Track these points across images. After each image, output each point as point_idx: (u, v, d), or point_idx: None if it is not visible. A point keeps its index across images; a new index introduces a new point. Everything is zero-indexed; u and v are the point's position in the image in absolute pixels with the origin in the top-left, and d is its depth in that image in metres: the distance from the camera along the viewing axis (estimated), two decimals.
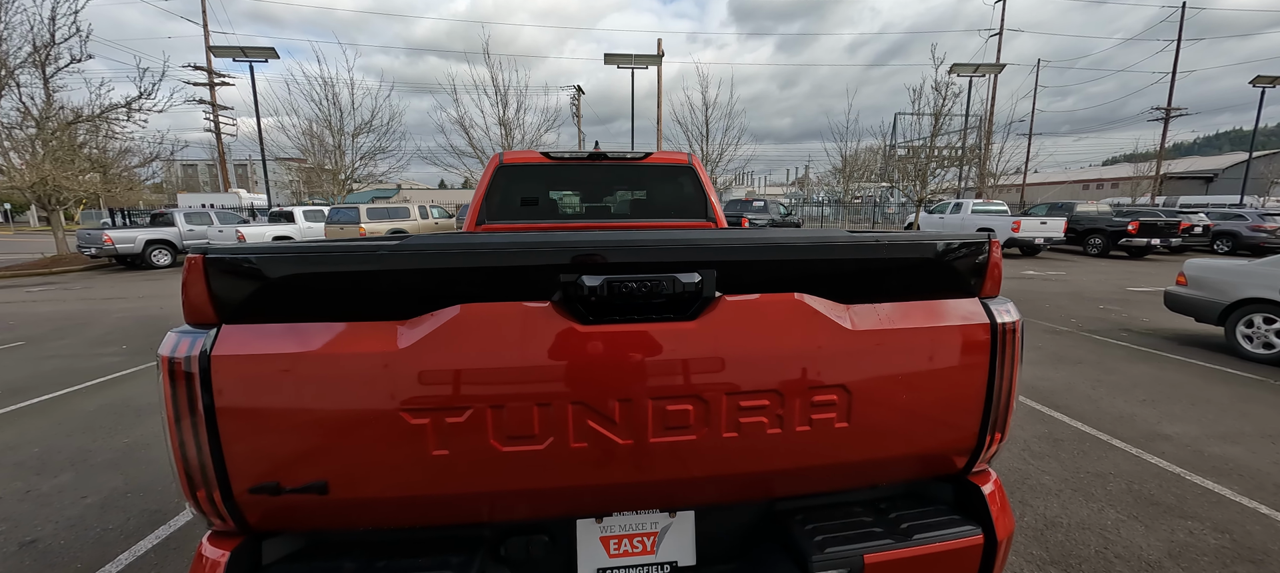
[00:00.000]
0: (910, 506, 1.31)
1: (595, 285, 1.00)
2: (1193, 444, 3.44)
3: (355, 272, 1.00)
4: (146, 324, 7.45)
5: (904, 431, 1.19)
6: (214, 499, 1.03)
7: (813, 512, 1.28)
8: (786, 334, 1.10)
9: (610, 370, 1.03)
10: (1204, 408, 4.08)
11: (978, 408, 1.22)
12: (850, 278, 1.16)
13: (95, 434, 3.68)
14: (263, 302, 1.01)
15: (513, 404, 1.02)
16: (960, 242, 1.20)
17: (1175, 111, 31.98)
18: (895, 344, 1.15)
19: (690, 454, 1.10)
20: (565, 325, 1.03)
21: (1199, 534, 2.50)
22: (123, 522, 2.61)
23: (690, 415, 1.07)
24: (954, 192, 25.95)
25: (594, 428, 1.05)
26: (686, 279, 1.03)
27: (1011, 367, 1.23)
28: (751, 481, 1.17)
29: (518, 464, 1.05)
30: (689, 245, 1.07)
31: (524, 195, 3.49)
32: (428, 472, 1.04)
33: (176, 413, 0.99)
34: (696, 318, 1.06)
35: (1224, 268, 5.83)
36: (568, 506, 1.17)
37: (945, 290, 1.22)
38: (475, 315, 1.01)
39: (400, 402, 1.00)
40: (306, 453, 1.02)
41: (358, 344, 1.00)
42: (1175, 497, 2.82)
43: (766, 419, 1.10)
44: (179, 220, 16.22)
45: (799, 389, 1.10)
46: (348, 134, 23.50)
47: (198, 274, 0.99)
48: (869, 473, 1.25)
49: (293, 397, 0.99)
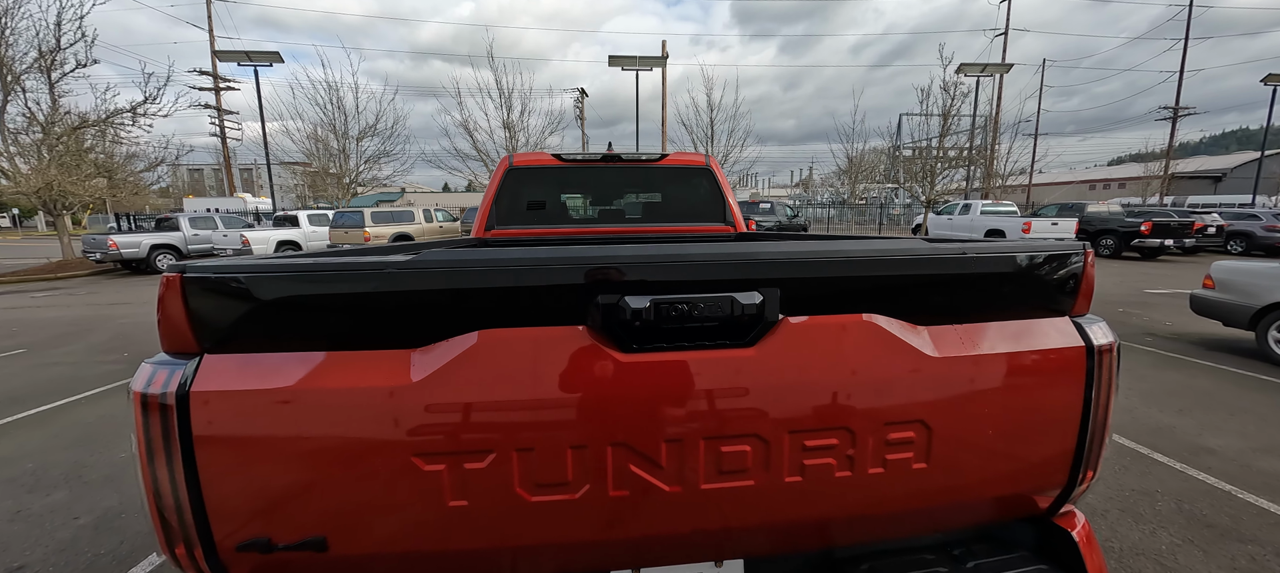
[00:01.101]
0: (987, 552, 1.16)
1: (641, 308, 0.85)
2: (1238, 458, 3.26)
3: (361, 293, 0.86)
4: (151, 330, 7.34)
5: (989, 470, 1.04)
6: (195, 556, 0.88)
7: (877, 559, 1.13)
8: (858, 362, 0.94)
9: (656, 406, 0.88)
10: (1244, 419, 3.89)
11: (1070, 442, 1.07)
12: (927, 295, 1.01)
13: (93, 448, 3.55)
14: (252, 327, 0.86)
15: (543, 447, 0.87)
16: (1054, 252, 1.05)
17: (1183, 111, 31.61)
18: (980, 372, 0.99)
19: (747, 501, 0.95)
20: (604, 354, 0.88)
21: (1263, 561, 2.32)
22: (115, 546, 2.48)
23: (748, 457, 0.92)
24: (961, 192, 25.70)
25: (637, 473, 0.90)
26: (746, 299, 0.88)
27: (1108, 395, 1.07)
28: (816, 529, 1.02)
29: (548, 515, 0.91)
30: (748, 260, 0.91)
31: (535, 198, 3.35)
32: (443, 525, 0.89)
33: (151, 456, 0.85)
34: (755, 344, 0.91)
35: (1254, 270, 5.63)
36: (602, 560, 1.02)
37: (1033, 309, 1.07)
38: (499, 342, 0.87)
39: (412, 444, 0.85)
40: (303, 504, 0.87)
41: (363, 377, 0.85)
42: (1229, 518, 2.64)
43: (835, 461, 0.95)
44: (183, 225, 16.18)
45: (873, 426, 0.95)
46: (352, 138, 23.50)
47: (175, 296, 0.84)
48: (946, 518, 1.10)
49: (286, 439, 0.85)
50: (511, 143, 23.34)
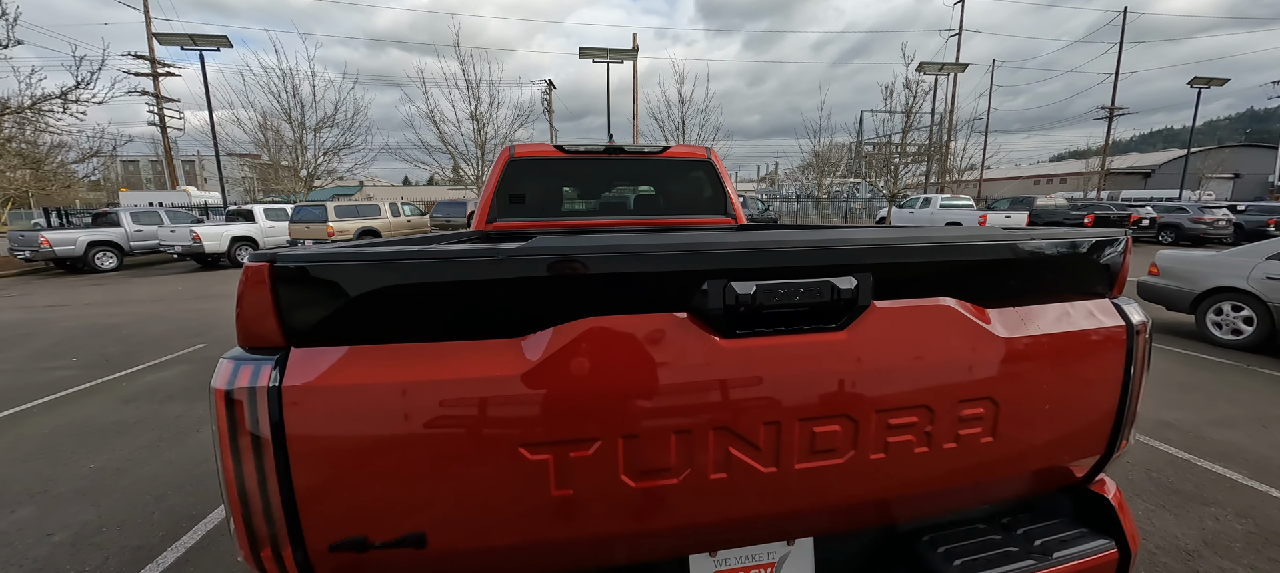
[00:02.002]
0: (1034, 520, 1.24)
1: (748, 293, 0.86)
2: (1193, 430, 3.55)
3: (468, 282, 0.84)
4: (98, 334, 6.84)
5: (1043, 441, 1.11)
6: (283, 558, 0.85)
7: (937, 531, 1.19)
8: (937, 343, 0.99)
9: (757, 390, 0.90)
10: (1194, 395, 4.24)
11: (1111, 413, 1.15)
12: (993, 279, 1.07)
13: (55, 460, 3.30)
14: (346, 318, 0.83)
15: (648, 433, 0.88)
16: (1100, 239, 1.12)
17: (1118, 111, 33.87)
18: (1038, 350, 1.06)
19: (834, 480, 0.98)
20: (706, 339, 0.89)
21: (1224, 521, 2.55)
22: (100, 562, 2.32)
23: (838, 437, 0.95)
24: (921, 187, 26.77)
25: (736, 456, 0.92)
26: (843, 285, 0.90)
27: (1142, 369, 1.16)
28: (891, 504, 1.07)
29: (648, 502, 0.91)
30: (845, 246, 0.94)
31: (537, 189, 3.30)
32: (546, 515, 0.89)
33: (237, 456, 0.81)
34: (846, 328, 0.94)
35: (1195, 259, 6.12)
36: (692, 544, 1.04)
37: (1080, 292, 1.14)
38: (604, 330, 0.86)
39: (517, 435, 0.84)
40: (401, 500, 0.85)
41: (466, 368, 0.84)
42: (1193, 484, 2.89)
43: (914, 437, 1.00)
44: (125, 220, 15.10)
45: (949, 403, 1.00)
46: (309, 129, 22.41)
47: (263, 287, 0.80)
48: (1004, 488, 1.16)
49: (385, 434, 0.82)
50: (480, 135, 22.80)
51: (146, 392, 4.57)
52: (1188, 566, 2.24)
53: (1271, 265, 5.35)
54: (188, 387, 4.66)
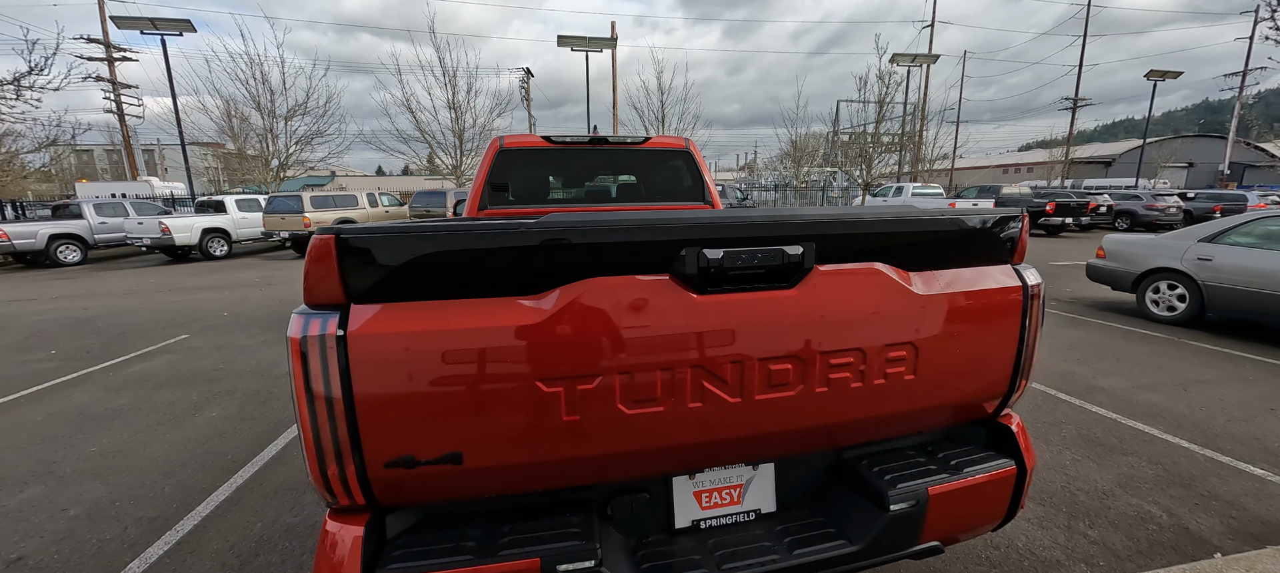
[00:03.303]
0: (952, 447, 1.51)
1: (717, 258, 1.09)
2: (1123, 395, 3.96)
3: (495, 249, 1.04)
4: (72, 327, 6.76)
5: (956, 380, 1.37)
6: (347, 475, 1.05)
7: (876, 457, 1.45)
8: (867, 299, 1.24)
9: (725, 336, 1.14)
10: (1128, 364, 4.67)
11: (1011, 358, 1.42)
12: (914, 249, 1.32)
13: (54, 444, 3.38)
14: (396, 280, 1.03)
15: (639, 370, 1.10)
16: (999, 217, 1.38)
17: (1082, 102, 35.22)
18: (950, 306, 1.32)
19: (787, 409, 1.22)
20: (684, 296, 1.12)
21: (1139, 467, 2.92)
22: (121, 531, 2.46)
23: (790, 374, 1.20)
24: (894, 176, 27.51)
25: (709, 389, 1.15)
26: (792, 251, 1.14)
27: (1037, 322, 1.43)
28: (835, 430, 1.32)
29: (639, 426, 1.14)
30: (792, 221, 1.18)
31: (526, 178, 3.48)
32: (558, 437, 1.11)
33: (310, 393, 1.00)
34: (796, 286, 1.18)
35: (1136, 242, 6.61)
36: (673, 463, 1.27)
37: (986, 259, 1.40)
38: (604, 288, 1.08)
39: (536, 372, 1.06)
40: (442, 426, 1.06)
41: (494, 319, 1.05)
42: (1116, 439, 3.26)
43: (850, 375, 1.24)
44: (87, 212, 14.61)
45: (878, 347, 1.25)
46: (280, 117, 21.85)
47: (330, 255, 1.00)
48: (925, 419, 1.43)
49: (429, 372, 1.03)
50: (458, 124, 22.57)
51: (135, 381, 4.61)
52: (1103, 503, 2.58)
53: (1202, 247, 5.84)
54: (176, 376, 4.72)
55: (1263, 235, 5.47)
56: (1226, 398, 3.88)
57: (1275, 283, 5.08)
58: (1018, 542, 2.31)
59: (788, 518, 1.39)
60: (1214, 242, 5.77)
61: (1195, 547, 2.26)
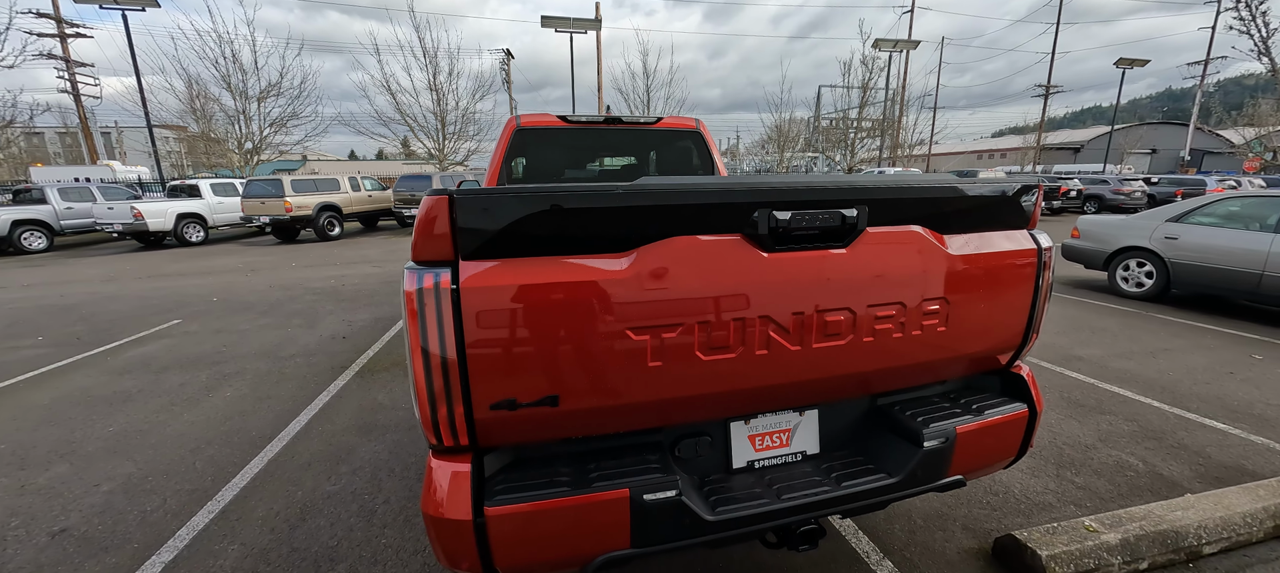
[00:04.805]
0: (972, 394, 1.68)
1: (785, 219, 1.22)
2: (1099, 362, 4.25)
3: (592, 209, 1.15)
4: (55, 314, 6.58)
5: (980, 332, 1.54)
6: (455, 417, 1.16)
7: (908, 403, 1.61)
8: (908, 258, 1.38)
9: (788, 289, 1.27)
10: (1102, 335, 5.00)
11: (1026, 313, 1.59)
12: (948, 214, 1.47)
13: (69, 425, 3.37)
14: (501, 239, 1.13)
15: (714, 320, 1.23)
16: (1021, 186, 1.54)
17: (1053, 89, 36.21)
18: (977, 266, 1.47)
19: (838, 357, 1.37)
20: (753, 253, 1.24)
21: (1116, 424, 3.19)
22: (161, 503, 2.51)
23: (841, 325, 1.34)
24: (875, 161, 28.01)
25: (774, 337, 1.29)
26: (848, 213, 1.27)
27: (1047, 281, 1.60)
28: (876, 376, 1.47)
29: (712, 371, 1.27)
30: (849, 187, 1.31)
31: (541, 156, 3.54)
32: (643, 380, 1.23)
33: (425, 341, 1.10)
34: (849, 246, 1.32)
35: (1108, 223, 6.98)
36: (735, 406, 1.41)
37: (1008, 224, 1.56)
38: (684, 247, 1.20)
39: (626, 322, 1.18)
40: (541, 370, 1.17)
41: (589, 275, 1.16)
42: (1095, 400, 3.54)
43: (892, 326, 1.39)
44: (52, 197, 14.01)
45: (917, 300, 1.40)
46: (252, 98, 21.12)
47: (444, 214, 1.09)
48: (952, 368, 1.59)
49: (530, 322, 1.14)
50: (439, 106, 22.15)
51: (137, 364, 4.57)
52: (1086, 454, 2.83)
53: (1169, 227, 6.21)
54: (179, 359, 4.69)
55: (1224, 215, 5.85)
56: (1191, 364, 4.21)
57: (1234, 259, 5.46)
58: (1014, 489, 2.53)
59: (831, 458, 1.55)
60: (1180, 221, 6.14)
61: (1168, 489, 2.52)
